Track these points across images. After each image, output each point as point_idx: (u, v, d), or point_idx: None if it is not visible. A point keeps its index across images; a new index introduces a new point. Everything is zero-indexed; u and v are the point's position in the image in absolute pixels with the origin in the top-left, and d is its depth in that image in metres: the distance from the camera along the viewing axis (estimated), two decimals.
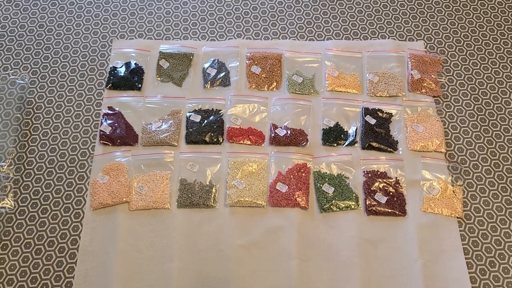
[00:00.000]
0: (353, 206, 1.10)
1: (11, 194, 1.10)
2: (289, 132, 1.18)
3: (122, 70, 1.27)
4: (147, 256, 1.04)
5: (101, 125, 1.19)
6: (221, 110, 1.22)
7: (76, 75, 1.28)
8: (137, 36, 1.35)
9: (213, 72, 1.27)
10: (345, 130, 1.20)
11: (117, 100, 1.23)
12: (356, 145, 1.19)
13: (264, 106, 1.23)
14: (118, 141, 1.17)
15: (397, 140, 1.19)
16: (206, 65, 1.28)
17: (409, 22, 1.39)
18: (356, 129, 1.21)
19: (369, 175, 1.14)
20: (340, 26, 1.38)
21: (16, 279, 1.02)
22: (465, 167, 1.18)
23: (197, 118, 1.20)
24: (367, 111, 1.22)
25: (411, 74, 1.27)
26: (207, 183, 1.12)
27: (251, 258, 1.04)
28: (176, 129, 1.18)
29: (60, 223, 1.08)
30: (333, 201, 1.10)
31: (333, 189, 1.12)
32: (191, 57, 1.29)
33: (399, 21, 1.39)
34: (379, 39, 1.36)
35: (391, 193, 1.12)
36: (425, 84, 1.27)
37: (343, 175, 1.14)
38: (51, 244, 1.06)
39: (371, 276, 1.03)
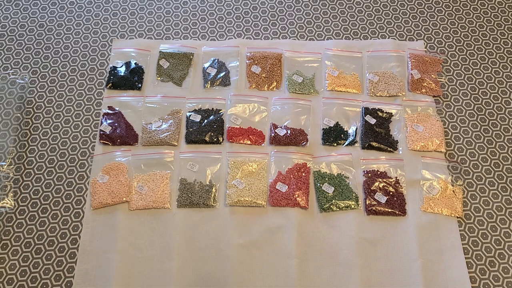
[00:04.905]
0: (353, 206, 1.10)
1: (11, 194, 1.10)
2: (289, 132, 1.18)
3: (122, 70, 1.26)
4: (147, 256, 1.04)
5: (101, 124, 1.19)
6: (221, 110, 1.22)
7: (76, 74, 1.28)
8: (137, 35, 1.35)
9: (213, 71, 1.27)
10: (345, 130, 1.20)
11: (117, 99, 1.23)
12: (356, 145, 1.19)
13: (264, 105, 1.23)
14: (118, 140, 1.17)
15: (397, 140, 1.19)
16: (206, 65, 1.28)
17: (409, 22, 1.39)
18: (356, 129, 1.21)
19: (369, 174, 1.14)
20: (340, 26, 1.38)
21: (16, 278, 1.02)
22: (465, 167, 1.18)
23: (197, 118, 1.20)
24: (367, 111, 1.22)
25: (411, 74, 1.27)
26: (207, 183, 1.12)
27: (251, 258, 1.04)
28: (176, 129, 1.18)
29: (60, 223, 1.08)
30: (333, 200, 1.10)
31: (333, 188, 1.12)
32: (191, 56, 1.29)
33: (399, 21, 1.39)
34: (379, 39, 1.36)
35: (391, 193, 1.12)
36: (425, 84, 1.27)
37: (343, 174, 1.14)
38: (51, 243, 1.06)
39: (371, 276, 1.03)
